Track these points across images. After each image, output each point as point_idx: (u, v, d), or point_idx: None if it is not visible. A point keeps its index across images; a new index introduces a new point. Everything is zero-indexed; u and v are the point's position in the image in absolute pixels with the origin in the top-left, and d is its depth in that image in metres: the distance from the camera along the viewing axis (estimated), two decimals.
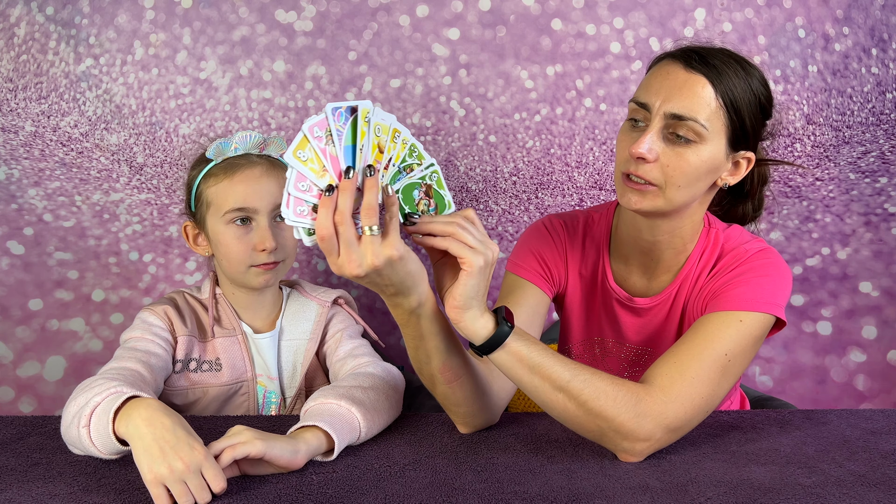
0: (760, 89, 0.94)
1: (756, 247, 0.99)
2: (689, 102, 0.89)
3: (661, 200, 0.92)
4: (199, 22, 1.46)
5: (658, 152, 0.90)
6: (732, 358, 0.88)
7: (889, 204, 1.54)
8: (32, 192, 1.47)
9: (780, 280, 0.95)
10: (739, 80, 0.91)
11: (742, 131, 0.92)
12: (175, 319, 1.11)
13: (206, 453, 0.75)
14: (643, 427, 0.82)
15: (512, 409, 1.46)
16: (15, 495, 0.76)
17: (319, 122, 0.74)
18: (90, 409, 0.80)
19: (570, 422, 0.85)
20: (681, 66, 0.91)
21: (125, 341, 1.07)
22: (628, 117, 0.96)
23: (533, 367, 0.83)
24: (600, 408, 0.81)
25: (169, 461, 0.72)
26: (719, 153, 0.92)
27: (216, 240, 1.11)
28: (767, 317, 0.92)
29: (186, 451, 0.73)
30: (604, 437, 0.84)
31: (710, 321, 0.91)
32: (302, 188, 0.74)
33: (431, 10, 1.48)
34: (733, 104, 0.90)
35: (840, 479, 0.79)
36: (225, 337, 1.14)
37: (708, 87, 0.89)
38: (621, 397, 0.82)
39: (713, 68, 0.90)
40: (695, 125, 0.89)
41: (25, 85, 1.45)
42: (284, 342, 1.17)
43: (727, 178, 0.96)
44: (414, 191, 0.82)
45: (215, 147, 1.10)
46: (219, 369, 1.12)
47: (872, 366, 1.56)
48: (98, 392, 0.82)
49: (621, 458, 0.85)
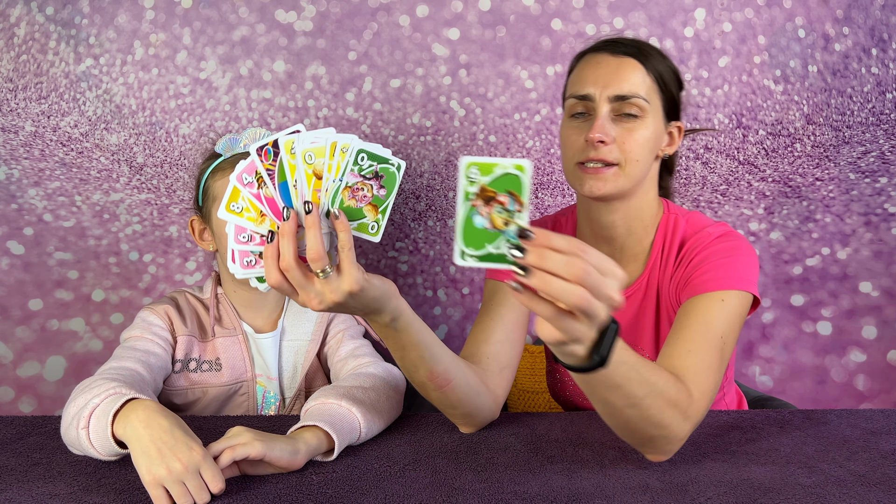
0: (671, 62, 1.02)
1: (718, 230, 1.01)
2: (627, 83, 0.96)
3: (622, 179, 0.96)
4: (199, 22, 1.46)
5: (613, 134, 0.95)
6: (726, 340, 0.89)
7: (889, 204, 1.54)
8: (32, 192, 1.47)
9: (747, 259, 0.97)
10: (657, 57, 1.00)
11: (672, 102, 1.01)
12: (175, 319, 1.11)
13: (204, 454, 0.75)
14: (686, 430, 0.80)
15: (512, 408, 1.46)
16: (15, 495, 0.76)
17: (248, 168, 0.71)
18: (89, 410, 0.80)
19: (626, 430, 0.80)
20: (607, 54, 0.99)
21: (125, 340, 1.07)
22: (568, 114, 1.00)
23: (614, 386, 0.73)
24: (662, 420, 0.77)
25: (167, 462, 0.72)
26: (660, 125, 0.99)
27: (220, 236, 1.11)
28: (745, 294, 0.93)
29: (184, 452, 0.73)
30: (651, 442, 0.80)
31: (695, 306, 0.92)
32: (243, 239, 0.72)
33: (431, 10, 1.48)
34: (661, 78, 0.99)
35: (840, 479, 0.79)
36: (225, 337, 1.14)
37: (639, 67, 0.97)
38: (679, 403, 0.78)
39: (637, 50, 0.98)
40: (638, 101, 0.96)
41: (25, 85, 1.45)
42: (286, 342, 1.17)
43: (666, 148, 1.03)
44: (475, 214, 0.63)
45: (225, 142, 1.10)
46: (219, 369, 1.12)
47: (872, 366, 1.56)
48: (97, 393, 0.82)
49: (652, 458, 0.83)
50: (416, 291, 1.56)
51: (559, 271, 0.59)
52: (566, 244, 0.60)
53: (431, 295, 1.56)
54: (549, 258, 0.59)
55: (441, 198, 1.53)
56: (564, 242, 0.60)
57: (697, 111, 1.51)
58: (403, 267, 1.56)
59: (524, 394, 1.46)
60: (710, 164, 1.53)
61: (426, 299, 1.56)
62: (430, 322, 1.56)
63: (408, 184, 1.53)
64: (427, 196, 1.53)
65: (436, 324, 1.57)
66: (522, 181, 0.62)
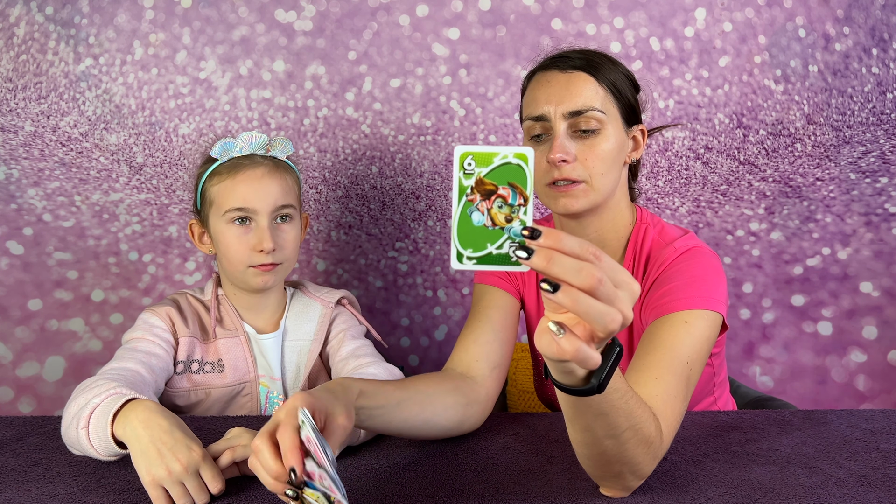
0: (623, 68, 1.00)
1: (684, 245, 0.97)
2: (580, 97, 0.94)
3: (593, 193, 0.95)
4: (198, 22, 1.46)
5: (573, 152, 0.94)
6: (692, 366, 0.84)
7: (889, 204, 1.54)
8: (32, 192, 1.47)
9: (713, 276, 0.93)
10: (608, 66, 0.97)
11: (630, 108, 0.99)
12: (177, 320, 1.11)
13: (203, 454, 0.74)
14: (650, 470, 0.74)
15: (512, 409, 1.46)
16: (15, 495, 0.76)
17: None
18: (89, 410, 0.80)
19: (597, 461, 0.72)
20: (556, 71, 0.97)
21: (126, 342, 1.07)
22: (527, 137, 0.99)
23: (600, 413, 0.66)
24: (634, 457, 0.70)
25: (166, 462, 0.72)
26: (621, 133, 0.97)
27: (217, 238, 1.11)
28: (711, 314, 0.88)
29: (184, 453, 0.73)
30: (617, 477, 0.73)
31: (659, 329, 0.87)
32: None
33: (431, 10, 1.48)
34: (614, 85, 0.97)
35: (840, 480, 0.79)
36: (227, 338, 1.14)
37: (590, 79, 0.95)
38: (653, 442, 0.71)
39: (586, 62, 0.96)
40: (594, 114, 0.94)
41: (25, 85, 1.45)
42: (288, 343, 1.17)
43: (632, 154, 1.02)
44: (474, 213, 0.56)
45: (221, 146, 1.10)
46: (221, 370, 1.12)
47: (873, 366, 1.56)
48: (97, 393, 0.82)
49: (610, 494, 0.75)
50: (416, 291, 1.56)
51: (568, 277, 0.52)
52: (579, 247, 0.53)
53: (431, 295, 1.56)
54: (559, 262, 0.52)
55: (441, 198, 1.53)
56: (577, 245, 0.53)
57: (698, 111, 1.51)
58: (403, 267, 1.55)
59: (524, 394, 1.46)
60: (710, 164, 1.53)
61: (426, 299, 1.56)
62: (430, 322, 1.56)
63: (408, 184, 1.53)
64: (427, 196, 1.53)
65: (436, 324, 1.57)
66: (525, 171, 0.55)
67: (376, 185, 1.53)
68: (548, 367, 0.61)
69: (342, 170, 1.52)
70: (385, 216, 1.54)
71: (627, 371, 0.85)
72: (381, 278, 1.56)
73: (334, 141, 1.50)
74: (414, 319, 1.57)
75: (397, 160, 1.52)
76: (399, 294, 1.56)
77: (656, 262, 0.97)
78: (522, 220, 0.55)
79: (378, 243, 1.55)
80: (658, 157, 1.53)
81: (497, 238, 0.55)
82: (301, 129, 1.50)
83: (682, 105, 1.51)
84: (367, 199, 1.53)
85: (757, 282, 1.56)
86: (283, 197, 1.11)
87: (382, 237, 1.55)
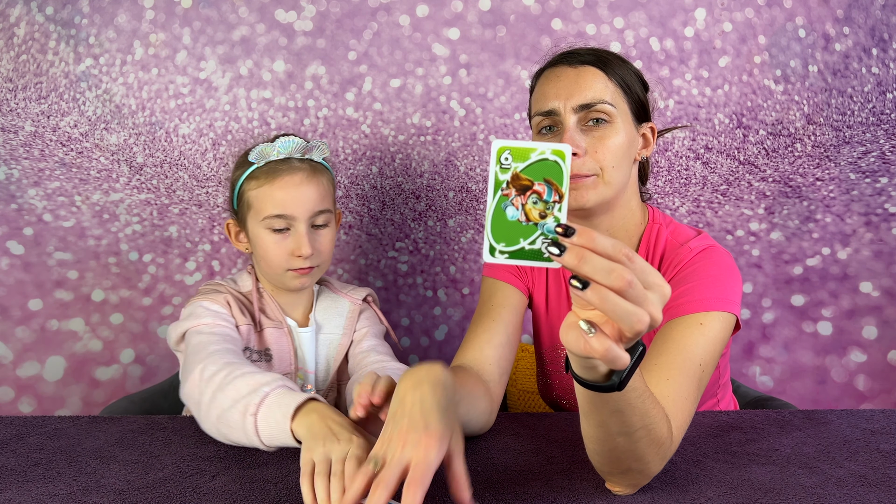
0: (632, 66, 1.00)
1: (699, 245, 0.97)
2: (590, 90, 0.94)
3: (603, 187, 0.94)
4: (198, 22, 1.46)
5: (584, 145, 0.93)
6: (704, 367, 0.84)
7: (889, 204, 1.54)
8: (32, 192, 1.47)
9: (729, 277, 0.93)
10: (617, 62, 0.97)
11: (640, 105, 0.99)
12: (234, 309, 1.12)
13: (362, 447, 0.74)
14: (658, 469, 0.74)
15: (512, 409, 1.46)
16: (15, 495, 0.76)
17: None
18: (259, 397, 0.82)
19: (607, 457, 0.72)
20: (566, 66, 0.97)
21: (193, 330, 1.05)
22: (536, 132, 0.99)
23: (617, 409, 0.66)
24: (644, 455, 0.70)
25: (327, 446, 0.73)
26: (631, 128, 0.97)
27: (255, 241, 1.12)
28: (726, 315, 0.88)
29: (345, 437, 0.75)
30: (625, 474, 0.73)
31: (673, 330, 0.86)
32: None
33: (431, 10, 1.48)
34: (624, 81, 0.96)
35: (840, 480, 0.79)
36: (273, 328, 1.15)
37: (599, 73, 0.95)
38: (664, 443, 0.72)
39: (595, 58, 0.96)
40: (604, 106, 0.93)
41: (25, 85, 1.45)
42: (321, 336, 1.20)
43: (643, 151, 1.01)
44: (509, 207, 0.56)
45: (258, 151, 1.10)
46: (269, 359, 1.13)
47: (873, 366, 1.56)
48: (264, 382, 0.85)
49: (617, 491, 0.76)
50: (416, 291, 1.56)
51: (598, 277, 0.52)
52: (612, 248, 0.53)
53: (431, 295, 1.56)
54: (591, 261, 0.52)
55: (441, 198, 1.53)
56: (610, 245, 0.53)
57: (698, 111, 1.51)
58: (403, 267, 1.55)
59: (524, 394, 1.46)
60: (710, 164, 1.53)
61: (426, 299, 1.56)
62: (430, 322, 1.56)
63: (408, 184, 1.53)
64: (427, 196, 1.53)
65: (436, 324, 1.57)
66: (562, 168, 0.54)
67: (376, 185, 1.53)
68: (569, 360, 0.62)
69: (342, 170, 1.52)
70: (385, 216, 1.54)
71: (640, 370, 0.84)
72: (381, 278, 1.56)
73: (334, 141, 1.51)
74: (414, 319, 1.57)
75: (397, 160, 1.52)
76: (399, 294, 1.56)
77: (671, 262, 0.97)
78: (557, 217, 0.55)
79: (378, 243, 1.55)
80: (658, 157, 1.53)
81: (530, 234, 0.55)
82: (301, 130, 1.50)
83: (682, 105, 1.51)
84: (367, 199, 1.53)
85: (757, 282, 1.56)
86: (321, 202, 1.11)
87: (382, 237, 1.55)
